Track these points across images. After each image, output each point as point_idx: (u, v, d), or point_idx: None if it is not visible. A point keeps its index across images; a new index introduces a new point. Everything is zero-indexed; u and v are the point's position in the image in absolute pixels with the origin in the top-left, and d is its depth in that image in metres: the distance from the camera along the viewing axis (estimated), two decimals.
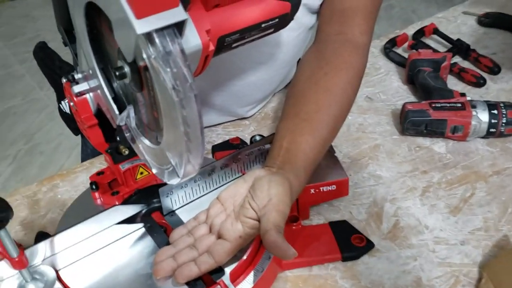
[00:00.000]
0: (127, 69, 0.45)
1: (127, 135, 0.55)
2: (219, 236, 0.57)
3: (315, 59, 0.72)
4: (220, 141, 0.88)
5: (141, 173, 0.69)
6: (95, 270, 0.58)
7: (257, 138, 0.76)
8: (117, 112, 0.54)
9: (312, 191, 0.69)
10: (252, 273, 0.58)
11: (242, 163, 0.70)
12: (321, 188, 0.69)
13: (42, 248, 0.57)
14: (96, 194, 0.68)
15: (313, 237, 0.67)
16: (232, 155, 0.68)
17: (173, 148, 0.46)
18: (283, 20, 0.53)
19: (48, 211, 0.76)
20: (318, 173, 0.69)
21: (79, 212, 0.69)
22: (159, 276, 0.55)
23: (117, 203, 0.67)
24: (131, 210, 0.63)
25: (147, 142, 0.52)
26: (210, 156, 0.84)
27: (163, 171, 0.50)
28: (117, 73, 0.46)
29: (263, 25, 0.52)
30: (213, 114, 0.88)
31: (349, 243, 0.67)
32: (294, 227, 0.68)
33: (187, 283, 0.55)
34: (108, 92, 0.54)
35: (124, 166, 0.66)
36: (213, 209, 0.61)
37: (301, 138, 0.64)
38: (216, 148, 0.82)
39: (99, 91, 0.56)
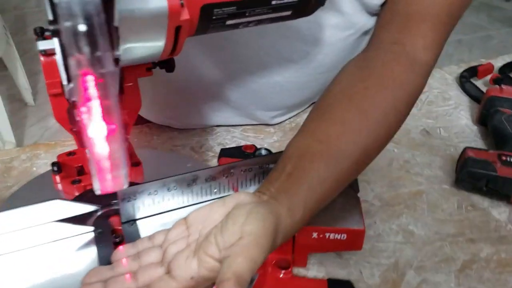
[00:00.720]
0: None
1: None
2: (168, 271, 0.44)
3: (358, 68, 0.56)
4: (232, 145, 0.74)
5: None
6: (15, 272, 0.46)
7: (263, 152, 0.61)
8: (65, 82, 0.42)
9: (315, 235, 0.53)
10: None
11: (236, 179, 0.55)
12: (327, 234, 0.53)
13: None
14: (57, 178, 0.56)
15: None
16: (224, 167, 0.54)
17: None
18: (305, 2, 0.38)
19: (16, 183, 0.66)
20: (328, 214, 0.53)
21: (32, 193, 0.57)
22: None
23: (76, 193, 0.55)
24: (81, 207, 0.50)
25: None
26: (215, 160, 0.71)
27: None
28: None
29: (273, 2, 0.37)
30: (228, 111, 0.75)
31: None
32: (282, 275, 0.53)
33: None
34: (60, 54, 0.41)
35: None
36: (175, 231, 0.47)
37: (311, 165, 0.49)
38: (224, 153, 0.68)
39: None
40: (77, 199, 0.53)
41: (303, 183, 0.48)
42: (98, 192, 0.36)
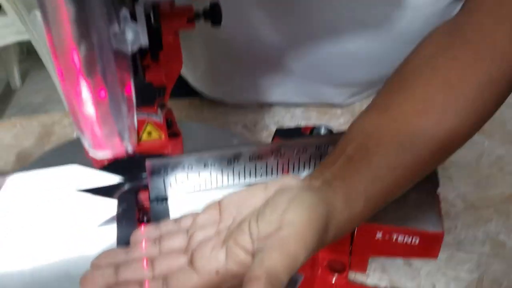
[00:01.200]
0: None
1: None
2: (191, 261, 0.36)
3: (447, 34, 0.45)
4: (290, 124, 0.65)
5: (149, 133, 0.49)
6: (25, 245, 0.40)
7: (322, 131, 0.51)
8: None
9: (379, 235, 0.43)
10: None
11: (287, 161, 0.46)
12: (394, 236, 0.43)
13: None
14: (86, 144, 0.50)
15: None
16: (273, 145, 0.45)
17: None
18: None
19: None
20: (398, 210, 0.43)
21: (60, 158, 0.51)
22: (84, 287, 0.36)
23: (105, 162, 0.49)
24: (102, 176, 0.43)
25: None
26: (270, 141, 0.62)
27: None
28: None
29: None
30: (290, 86, 0.65)
31: None
32: (335, 280, 0.44)
33: None
34: None
35: None
36: (205, 215, 0.39)
37: (379, 148, 0.39)
38: (279, 133, 0.59)
39: None
40: (104, 169, 0.46)
41: (366, 169, 0.38)
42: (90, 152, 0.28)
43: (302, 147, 0.46)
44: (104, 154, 0.27)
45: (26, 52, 2.36)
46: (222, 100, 0.70)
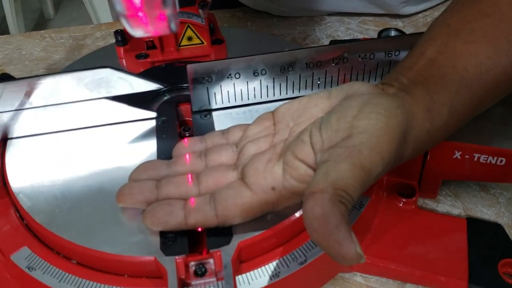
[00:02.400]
0: None
1: None
2: (242, 176, 0.31)
3: None
4: (345, 38, 0.58)
5: (189, 38, 0.43)
6: (55, 162, 0.36)
7: (392, 33, 0.43)
8: None
9: (458, 155, 0.37)
10: (278, 262, 0.31)
11: (349, 68, 0.40)
12: (475, 156, 0.36)
13: None
14: (121, 51, 0.45)
15: (431, 234, 0.37)
16: (334, 48, 0.39)
17: None
18: None
19: None
20: (479, 129, 0.37)
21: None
22: (122, 203, 0.32)
23: (141, 69, 0.44)
24: (141, 83, 0.38)
25: None
26: None
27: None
28: None
29: None
30: None
31: (492, 270, 0.35)
32: (402, 204, 0.38)
33: (161, 233, 0.31)
34: None
35: None
36: (257, 127, 0.34)
37: (467, 47, 0.32)
38: None
39: None
40: (140, 76, 0.41)
41: (452, 74, 0.31)
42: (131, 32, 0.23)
43: (369, 51, 0.39)
44: (144, 31, 0.22)
45: None
46: (268, 11, 0.62)
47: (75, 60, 0.49)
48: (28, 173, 0.35)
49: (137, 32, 0.22)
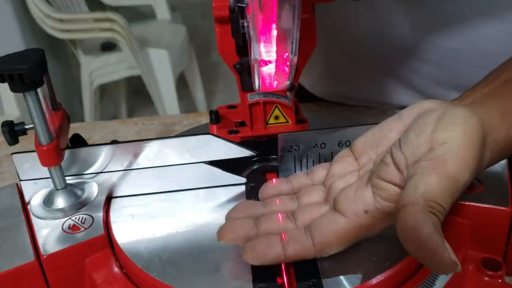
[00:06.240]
0: None
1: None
2: (334, 207, 0.33)
3: None
4: None
5: (276, 117, 0.48)
6: (155, 218, 0.40)
7: None
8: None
9: None
10: None
11: None
12: None
13: (92, 155, 0.41)
14: (214, 128, 0.50)
15: None
16: None
17: None
18: None
19: None
20: None
21: None
22: (224, 239, 0.34)
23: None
24: (236, 149, 0.42)
25: None
26: None
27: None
28: None
29: None
30: (418, 86, 0.61)
31: None
32: (487, 278, 0.38)
33: (254, 270, 0.32)
34: None
35: (253, 97, 0.46)
36: (340, 165, 0.36)
37: None
38: None
39: None
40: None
41: None
42: (257, 88, 0.27)
43: None
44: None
45: (134, 91, 2.50)
46: (342, 102, 0.67)
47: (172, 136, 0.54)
48: (130, 227, 0.39)
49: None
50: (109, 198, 0.42)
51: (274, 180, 0.38)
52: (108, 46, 2.00)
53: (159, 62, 1.98)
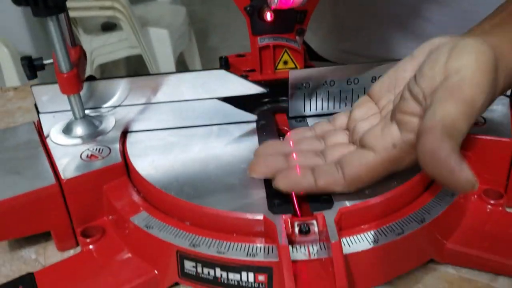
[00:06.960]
0: None
1: None
2: (362, 144, 0.34)
3: None
4: None
5: (285, 62, 0.49)
6: (170, 150, 0.41)
7: None
8: None
9: None
10: (375, 232, 0.33)
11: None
12: None
13: (110, 88, 0.42)
14: None
15: None
16: None
17: None
18: None
19: None
20: None
21: None
22: (255, 173, 0.35)
23: None
24: (248, 85, 0.43)
25: None
26: None
27: None
28: None
29: None
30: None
31: None
32: (489, 208, 0.40)
33: (268, 188, 0.34)
34: None
35: (263, 41, 0.47)
36: (361, 109, 0.38)
37: None
38: None
39: None
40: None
41: None
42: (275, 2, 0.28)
43: None
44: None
45: (134, 71, 2.50)
46: (347, 63, 0.68)
47: None
48: (146, 156, 0.40)
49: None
50: (125, 133, 0.43)
51: (297, 128, 0.40)
52: (109, 27, 2.00)
53: (159, 41, 1.99)
